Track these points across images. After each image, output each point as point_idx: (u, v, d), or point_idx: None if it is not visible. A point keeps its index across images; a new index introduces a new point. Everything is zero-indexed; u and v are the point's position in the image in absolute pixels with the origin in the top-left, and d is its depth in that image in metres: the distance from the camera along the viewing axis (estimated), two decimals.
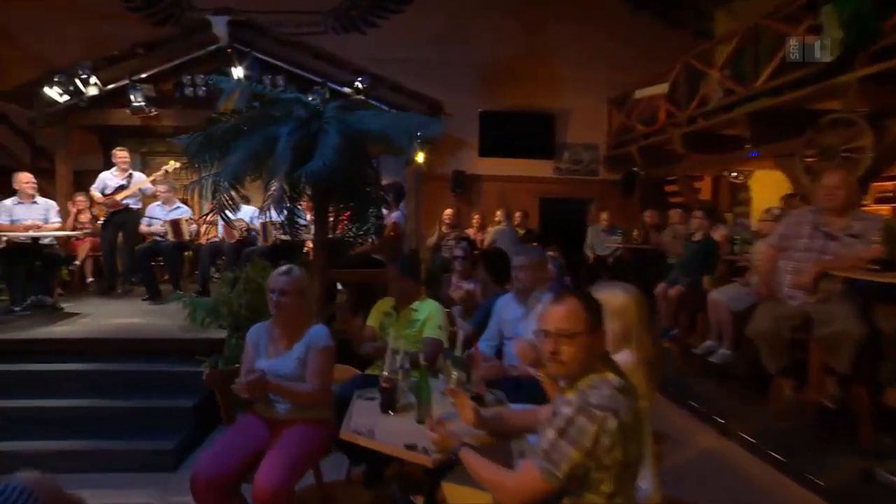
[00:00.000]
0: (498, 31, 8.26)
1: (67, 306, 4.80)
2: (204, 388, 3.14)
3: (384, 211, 3.75)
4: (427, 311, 2.79)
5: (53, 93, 5.88)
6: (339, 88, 6.46)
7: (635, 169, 7.56)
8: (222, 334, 3.26)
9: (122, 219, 5.63)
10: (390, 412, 1.89)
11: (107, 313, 4.51)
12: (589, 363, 1.41)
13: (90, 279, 6.03)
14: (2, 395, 3.20)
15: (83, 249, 5.94)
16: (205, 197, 2.94)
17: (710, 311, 4.08)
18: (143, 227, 5.53)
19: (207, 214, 2.82)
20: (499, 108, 8.23)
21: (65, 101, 6.02)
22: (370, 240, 3.24)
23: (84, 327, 3.99)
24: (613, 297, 1.82)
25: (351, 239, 2.95)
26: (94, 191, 5.66)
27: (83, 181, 7.26)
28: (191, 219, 5.42)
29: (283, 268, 2.13)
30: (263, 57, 6.25)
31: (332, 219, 2.91)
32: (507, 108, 8.26)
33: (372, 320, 2.86)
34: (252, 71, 6.13)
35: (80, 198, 6.24)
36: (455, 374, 1.94)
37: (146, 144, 7.93)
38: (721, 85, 5.27)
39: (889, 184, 6.15)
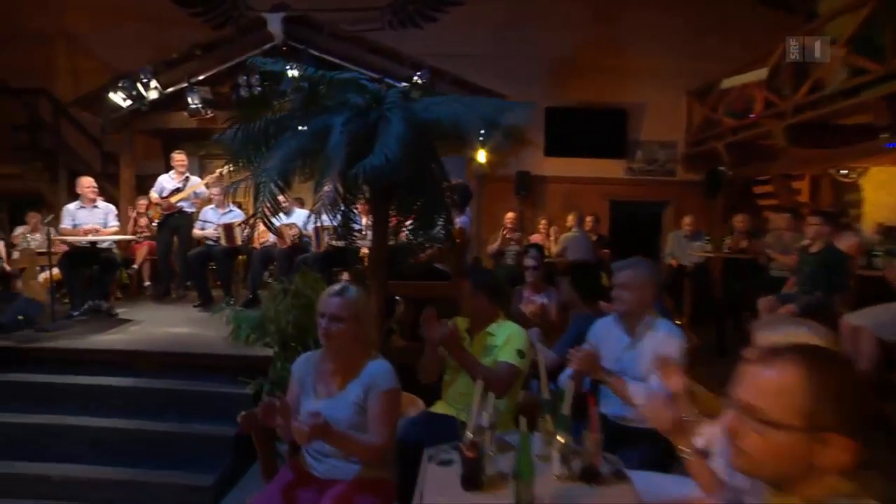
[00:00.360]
0: (564, 20, 7.64)
1: (122, 311, 4.68)
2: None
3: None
4: (506, 335, 2.28)
5: (117, 98, 5.88)
6: (397, 84, 6.09)
7: (721, 168, 6.70)
8: (270, 351, 2.91)
9: (177, 222, 5.52)
10: (475, 489, 1.38)
11: (157, 321, 4.33)
12: (799, 471, 0.85)
13: (147, 283, 5.97)
14: (42, 409, 3.01)
15: (141, 253, 5.89)
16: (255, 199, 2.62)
17: (847, 340, 3.31)
18: (197, 232, 5.37)
19: (249, 219, 2.47)
20: (566, 103, 7.59)
21: (128, 106, 6.01)
22: (432, 247, 2.76)
23: (132, 336, 3.79)
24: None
25: (412, 246, 2.49)
26: (153, 193, 5.59)
27: (146, 185, 7.34)
28: (243, 223, 5.20)
29: (336, 287, 1.69)
30: (319, 54, 5.99)
31: (392, 223, 2.48)
32: (575, 104, 7.62)
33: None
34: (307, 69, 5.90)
35: (142, 201, 6.23)
36: (560, 437, 1.41)
37: (204, 147, 7.90)
38: (845, 64, 4.41)
39: None
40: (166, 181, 5.62)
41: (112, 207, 5.05)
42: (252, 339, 2.69)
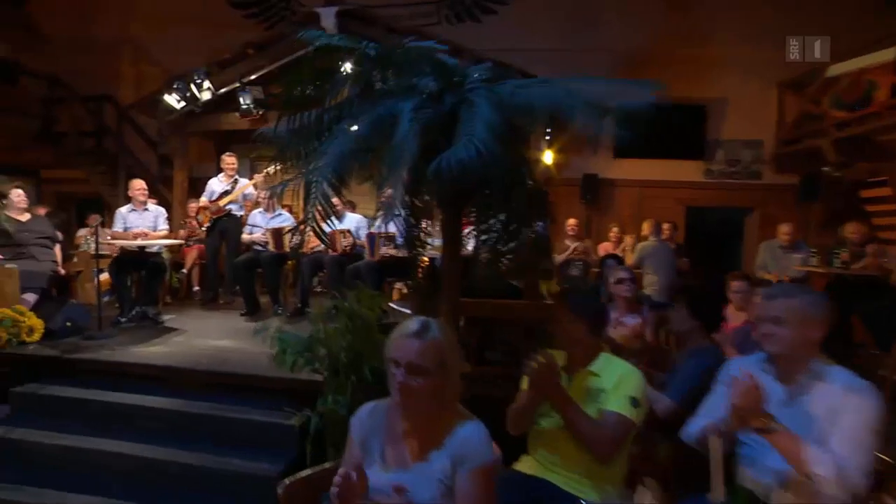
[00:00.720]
0: (635, 9, 6.99)
1: (169, 319, 4.49)
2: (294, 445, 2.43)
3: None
4: (616, 376, 1.77)
5: (171, 100, 5.80)
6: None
7: (826, 168, 5.83)
8: (320, 377, 2.52)
9: (225, 225, 5.33)
10: None
11: (202, 331, 4.08)
12: None
13: (196, 287, 5.82)
14: (71, 428, 2.77)
15: (191, 257, 5.75)
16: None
17: None
18: (245, 236, 5.15)
19: (299, 225, 2.08)
20: None
21: (181, 108, 5.92)
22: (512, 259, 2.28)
23: (173, 349, 3.53)
24: None
25: (493, 257, 2.03)
26: (203, 196, 5.44)
27: (199, 188, 7.31)
28: (293, 229, 4.92)
29: (413, 325, 1.23)
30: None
31: (468, 230, 2.03)
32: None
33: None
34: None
35: (193, 204, 6.12)
36: None
37: (256, 150, 7.78)
38: None
39: None
40: (216, 184, 5.46)
41: (162, 211, 4.91)
42: (300, 365, 2.31)
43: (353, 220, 4.97)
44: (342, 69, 4.75)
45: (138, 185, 4.75)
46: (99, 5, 8.45)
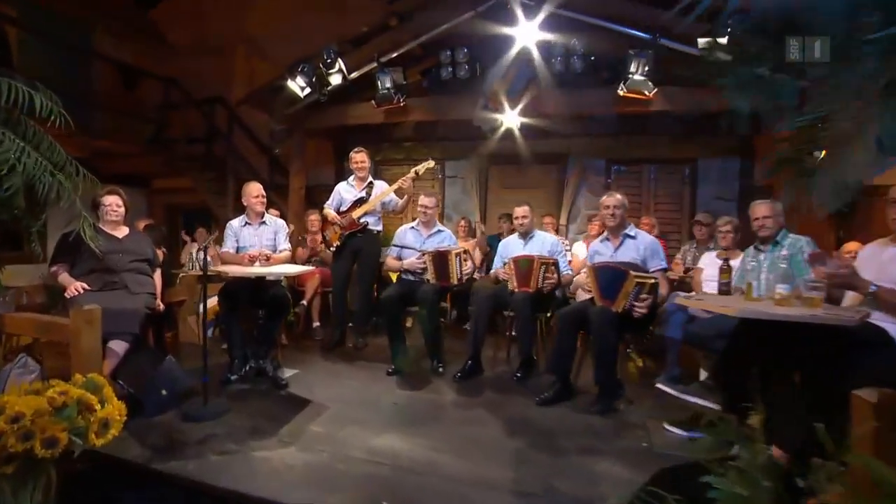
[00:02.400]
0: None
1: (291, 376, 3.15)
2: None
3: None
4: None
5: (296, 86, 4.65)
6: (678, 46, 3.99)
7: None
8: None
9: (359, 244, 3.98)
10: None
11: (347, 410, 2.64)
12: None
13: (317, 323, 4.52)
14: None
15: (312, 284, 4.47)
16: None
17: None
18: (391, 261, 3.74)
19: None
20: None
21: (306, 96, 4.76)
22: None
23: (312, 457, 2.09)
24: None
25: None
26: (328, 208, 4.14)
27: (315, 197, 6.22)
28: (464, 251, 3.43)
29: None
30: (560, 11, 4.12)
31: None
32: None
33: None
34: (546, 30, 4.11)
35: (313, 216, 4.90)
36: None
37: (381, 152, 6.59)
38: None
39: None
40: (345, 190, 4.13)
41: (283, 224, 3.63)
42: None
43: (547, 241, 3.42)
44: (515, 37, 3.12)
45: (255, 191, 3.50)
46: (218, 5, 7.83)
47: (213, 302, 4.32)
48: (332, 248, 4.03)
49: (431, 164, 4.03)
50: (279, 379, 3.02)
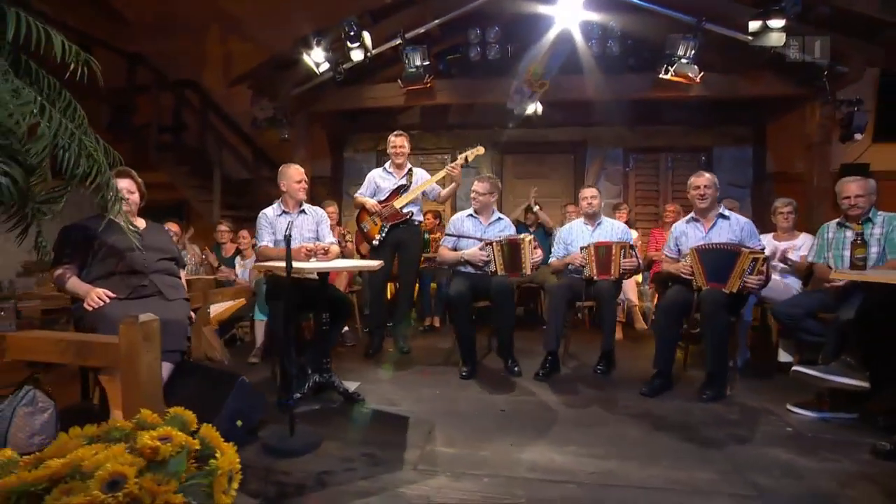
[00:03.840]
0: None
1: (355, 389, 2.72)
2: None
3: None
4: None
5: (312, 60, 4.15)
6: (725, 31, 3.92)
7: None
8: None
9: (401, 236, 3.60)
10: None
11: (455, 423, 2.26)
12: None
13: (345, 328, 4.05)
14: None
15: (340, 283, 4.00)
16: None
17: None
18: (445, 251, 3.37)
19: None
20: None
21: (322, 73, 4.26)
22: None
23: (483, 487, 1.69)
24: None
25: None
26: (361, 196, 3.72)
27: (313, 192, 5.68)
28: (534, 238, 3.13)
29: None
30: None
31: None
32: None
33: None
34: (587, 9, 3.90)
35: (331, 208, 4.42)
36: None
37: (384, 141, 6.15)
38: None
39: None
40: (381, 177, 3.74)
41: (324, 214, 3.17)
42: None
43: (614, 226, 3.22)
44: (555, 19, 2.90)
45: (297, 175, 3.00)
46: None
47: (218, 308, 3.77)
48: (374, 242, 3.60)
49: (481, 150, 3.73)
50: (356, 394, 2.58)
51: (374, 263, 2.56)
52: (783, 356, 3.20)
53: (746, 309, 3.06)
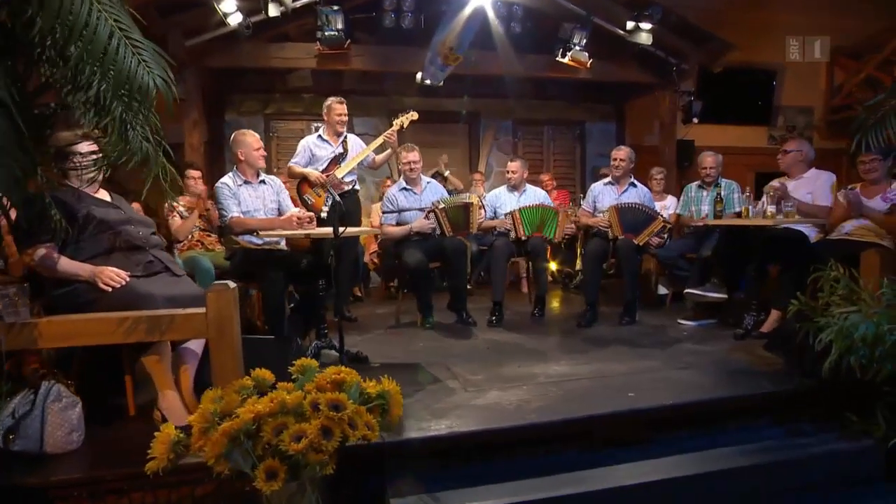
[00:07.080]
0: None
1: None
2: None
3: None
4: None
5: (225, 7, 3.73)
6: (607, 26, 4.64)
7: None
8: None
9: (344, 208, 3.60)
10: None
11: (460, 360, 2.54)
12: None
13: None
14: None
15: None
16: None
17: None
18: (391, 229, 3.51)
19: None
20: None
21: (238, 24, 3.87)
22: None
23: (529, 393, 2.07)
24: None
25: None
26: (295, 165, 3.61)
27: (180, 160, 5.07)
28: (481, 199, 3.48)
29: None
30: None
31: None
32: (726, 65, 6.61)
33: None
34: None
35: (196, 173, 3.89)
36: None
37: (273, 103, 5.79)
38: None
39: None
40: (316, 146, 3.67)
41: (281, 183, 3.08)
42: None
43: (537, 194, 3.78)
44: None
45: (256, 142, 2.87)
46: None
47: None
48: (322, 214, 3.52)
49: (415, 115, 3.86)
50: (360, 353, 2.67)
51: (374, 230, 2.66)
52: (661, 290, 4.20)
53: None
